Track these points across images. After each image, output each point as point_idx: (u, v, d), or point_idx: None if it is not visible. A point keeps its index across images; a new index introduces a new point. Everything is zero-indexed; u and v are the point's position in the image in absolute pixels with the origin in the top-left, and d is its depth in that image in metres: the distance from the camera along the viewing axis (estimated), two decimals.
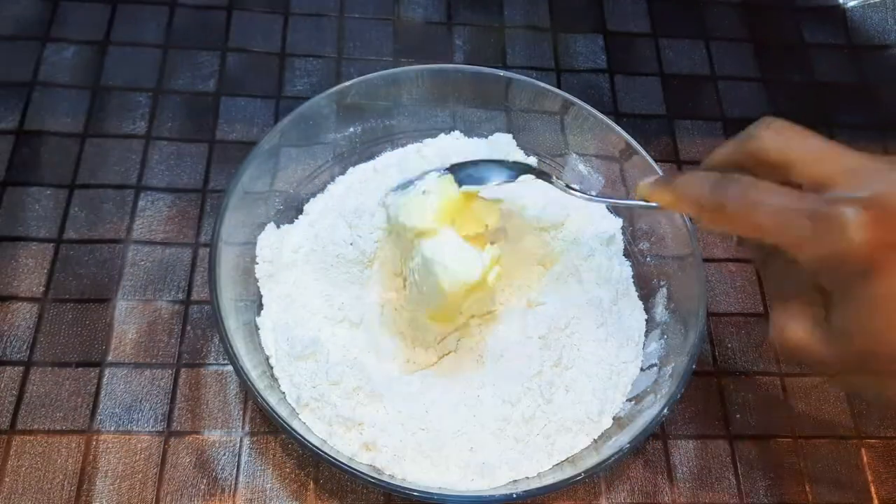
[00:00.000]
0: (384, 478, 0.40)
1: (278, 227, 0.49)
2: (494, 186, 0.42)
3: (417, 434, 0.42)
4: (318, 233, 0.47)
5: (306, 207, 0.50)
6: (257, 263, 0.47)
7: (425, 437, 0.42)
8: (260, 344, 0.45)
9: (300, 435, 0.38)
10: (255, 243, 0.47)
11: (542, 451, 0.42)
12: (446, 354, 0.45)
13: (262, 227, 0.48)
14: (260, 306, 0.46)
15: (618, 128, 0.49)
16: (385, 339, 0.46)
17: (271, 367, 0.44)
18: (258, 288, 0.47)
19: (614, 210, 0.52)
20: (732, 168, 0.34)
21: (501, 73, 0.51)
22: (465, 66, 0.53)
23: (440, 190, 0.42)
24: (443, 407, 0.43)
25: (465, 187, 0.42)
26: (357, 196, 0.49)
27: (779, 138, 0.33)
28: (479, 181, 0.42)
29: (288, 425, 0.38)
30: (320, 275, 0.47)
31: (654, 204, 0.38)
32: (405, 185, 0.43)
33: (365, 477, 0.38)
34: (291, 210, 0.50)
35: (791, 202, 0.31)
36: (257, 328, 0.45)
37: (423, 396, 0.43)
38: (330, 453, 0.38)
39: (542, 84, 0.51)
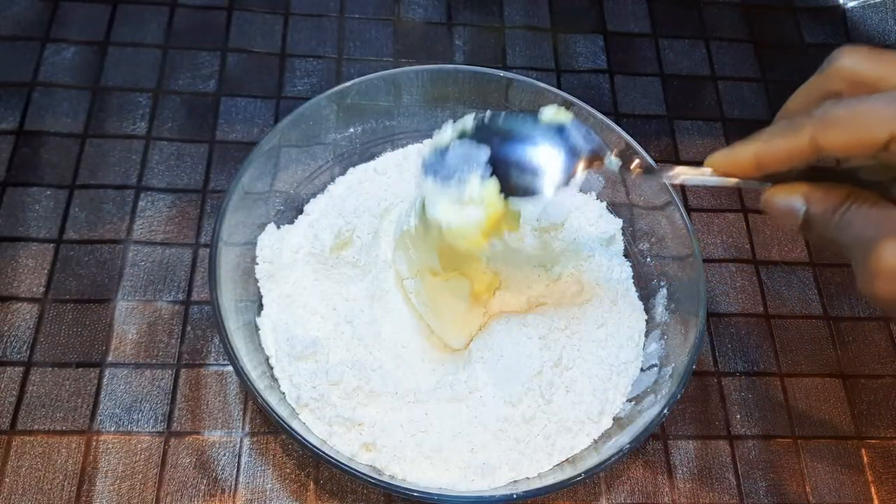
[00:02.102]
0: (384, 478, 0.40)
1: (278, 227, 0.48)
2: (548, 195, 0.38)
3: (417, 435, 0.42)
4: (318, 233, 0.47)
5: (306, 208, 0.50)
6: (257, 264, 0.47)
7: (425, 437, 0.42)
8: (260, 344, 0.45)
9: (300, 435, 0.38)
10: (255, 243, 0.47)
11: (542, 451, 0.42)
12: (453, 352, 0.46)
13: (262, 227, 0.48)
14: (260, 306, 0.46)
15: (618, 128, 0.49)
16: (388, 338, 0.46)
17: (271, 368, 0.44)
18: (258, 288, 0.47)
19: (614, 210, 0.52)
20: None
21: (501, 73, 0.51)
22: (464, 67, 0.53)
23: (486, 202, 0.38)
24: (443, 408, 0.43)
25: (512, 199, 0.37)
26: (357, 196, 0.49)
27: (867, 55, 0.31)
28: (526, 185, 0.37)
29: (288, 425, 0.38)
30: (320, 275, 0.47)
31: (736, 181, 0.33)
32: (442, 167, 0.39)
33: (365, 477, 0.38)
34: (291, 210, 0.50)
35: None
36: (257, 328, 0.45)
37: (423, 397, 0.43)
38: (329, 453, 0.38)
39: (542, 84, 0.51)
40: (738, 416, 0.49)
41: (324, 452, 0.38)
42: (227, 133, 0.55)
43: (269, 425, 0.45)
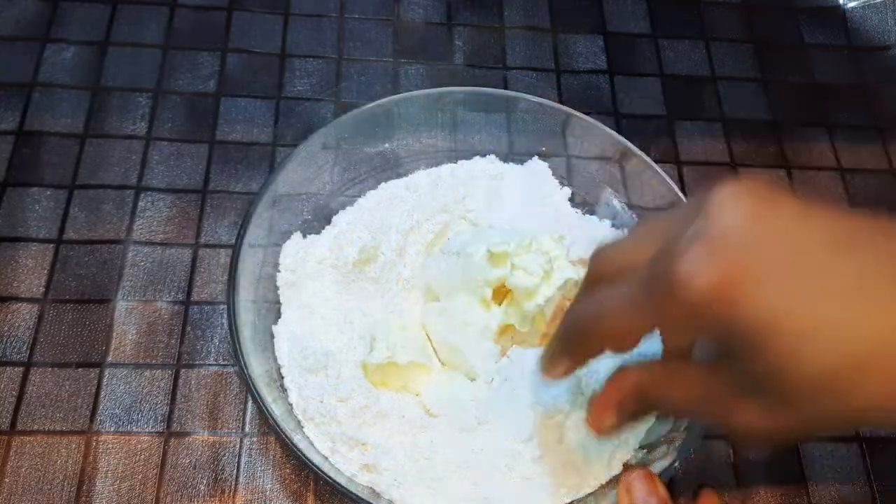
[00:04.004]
0: (382, 502, 0.39)
1: (304, 236, 0.48)
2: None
3: (420, 462, 0.40)
4: (343, 246, 0.46)
5: (334, 219, 0.49)
6: (279, 272, 0.46)
7: (428, 465, 0.40)
8: (274, 353, 0.44)
9: (302, 452, 0.37)
10: (277, 249, 0.46)
11: (547, 491, 0.40)
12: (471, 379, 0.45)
13: (285, 234, 0.47)
14: (278, 315, 0.46)
15: (615, 133, 0.49)
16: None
17: (282, 377, 0.44)
18: (277, 296, 0.46)
19: None
20: None
21: (533, 99, 0.50)
22: (515, 94, 0.52)
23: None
24: (450, 437, 0.42)
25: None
26: (385, 212, 0.49)
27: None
28: None
29: (291, 441, 0.37)
30: (341, 288, 0.46)
31: None
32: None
33: (363, 501, 0.37)
34: (319, 220, 0.49)
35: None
36: (273, 336, 0.45)
37: (430, 423, 0.42)
38: (329, 472, 0.37)
39: (603, 127, 0.50)
40: None
41: (323, 472, 0.37)
42: (227, 133, 0.55)
43: (269, 426, 0.45)
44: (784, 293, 0.25)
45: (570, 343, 0.33)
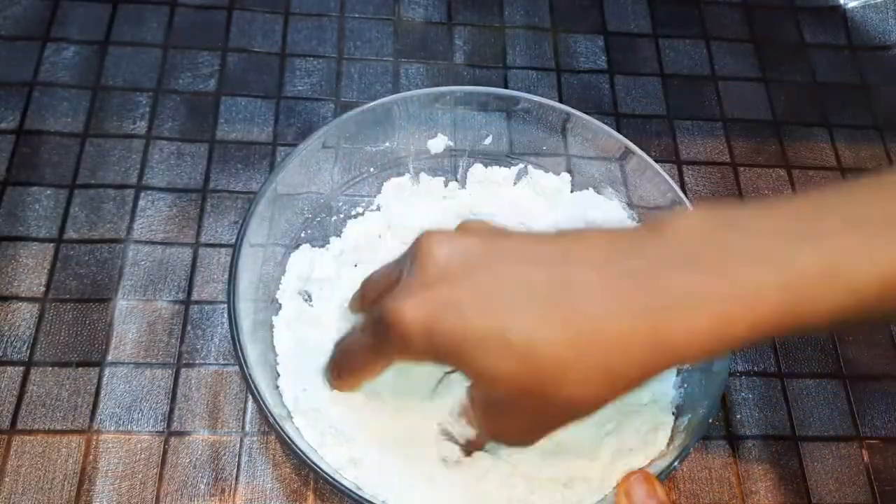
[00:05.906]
0: (368, 496, 0.38)
1: (312, 247, 0.48)
2: None
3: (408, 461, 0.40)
4: (342, 273, 0.47)
5: (344, 231, 0.50)
6: (284, 276, 0.46)
7: (416, 463, 0.40)
8: (272, 343, 0.44)
9: (290, 439, 0.37)
10: (277, 249, 0.46)
11: (548, 499, 0.40)
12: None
13: (286, 234, 0.47)
14: (278, 311, 0.46)
15: (616, 133, 0.49)
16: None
17: (278, 364, 0.44)
18: (277, 295, 0.46)
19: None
20: None
21: (562, 107, 0.50)
22: (515, 94, 0.51)
23: None
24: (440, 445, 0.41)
25: None
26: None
27: None
28: None
29: (280, 427, 0.37)
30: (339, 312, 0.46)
31: None
32: None
33: (348, 492, 0.36)
34: (319, 219, 0.49)
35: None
36: (272, 327, 0.45)
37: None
38: (318, 463, 0.37)
39: (603, 126, 0.49)
40: (738, 416, 0.49)
41: (310, 459, 0.37)
42: (227, 133, 0.55)
43: (268, 425, 0.45)
44: (471, 314, 0.29)
45: (336, 369, 0.39)
